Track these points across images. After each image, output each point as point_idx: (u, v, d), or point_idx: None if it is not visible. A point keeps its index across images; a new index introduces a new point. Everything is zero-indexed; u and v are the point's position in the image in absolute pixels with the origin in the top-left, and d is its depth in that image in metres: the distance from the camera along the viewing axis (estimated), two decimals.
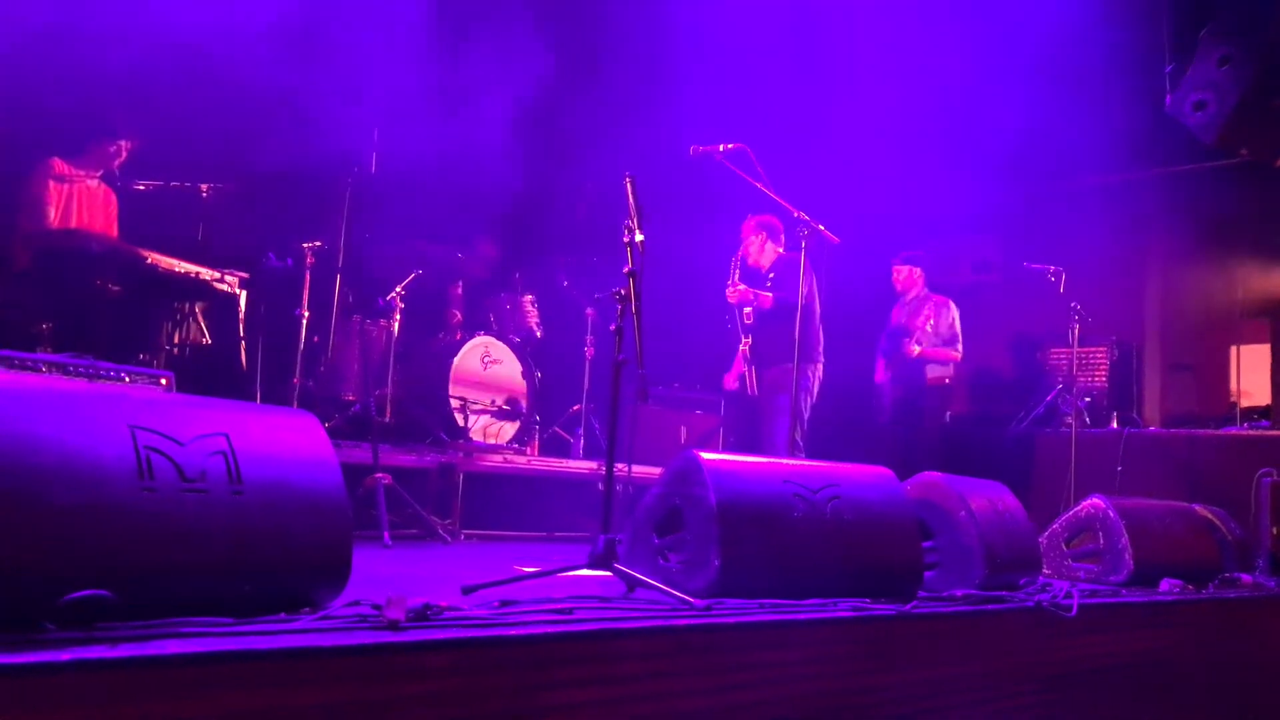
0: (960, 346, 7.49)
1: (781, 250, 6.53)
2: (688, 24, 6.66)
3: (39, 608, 1.77)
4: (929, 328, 7.36)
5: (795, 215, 5.22)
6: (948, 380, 7.55)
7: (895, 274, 7.69)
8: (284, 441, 2.26)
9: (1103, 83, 7.42)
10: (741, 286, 6.37)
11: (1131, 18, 6.77)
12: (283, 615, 2.10)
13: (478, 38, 6.20)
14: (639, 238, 3.07)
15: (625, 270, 3.05)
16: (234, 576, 2.07)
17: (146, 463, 1.98)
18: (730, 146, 5.11)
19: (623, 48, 6.77)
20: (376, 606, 2.21)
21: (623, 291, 3.06)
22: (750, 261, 6.54)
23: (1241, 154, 7.38)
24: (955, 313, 7.53)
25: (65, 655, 1.65)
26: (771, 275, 6.43)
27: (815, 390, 6.42)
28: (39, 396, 1.94)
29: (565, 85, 6.46)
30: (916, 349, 7.27)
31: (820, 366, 6.47)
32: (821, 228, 5.22)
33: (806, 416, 6.24)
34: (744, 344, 6.43)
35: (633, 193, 3.12)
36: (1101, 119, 7.71)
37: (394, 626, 2.13)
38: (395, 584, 2.38)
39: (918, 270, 7.62)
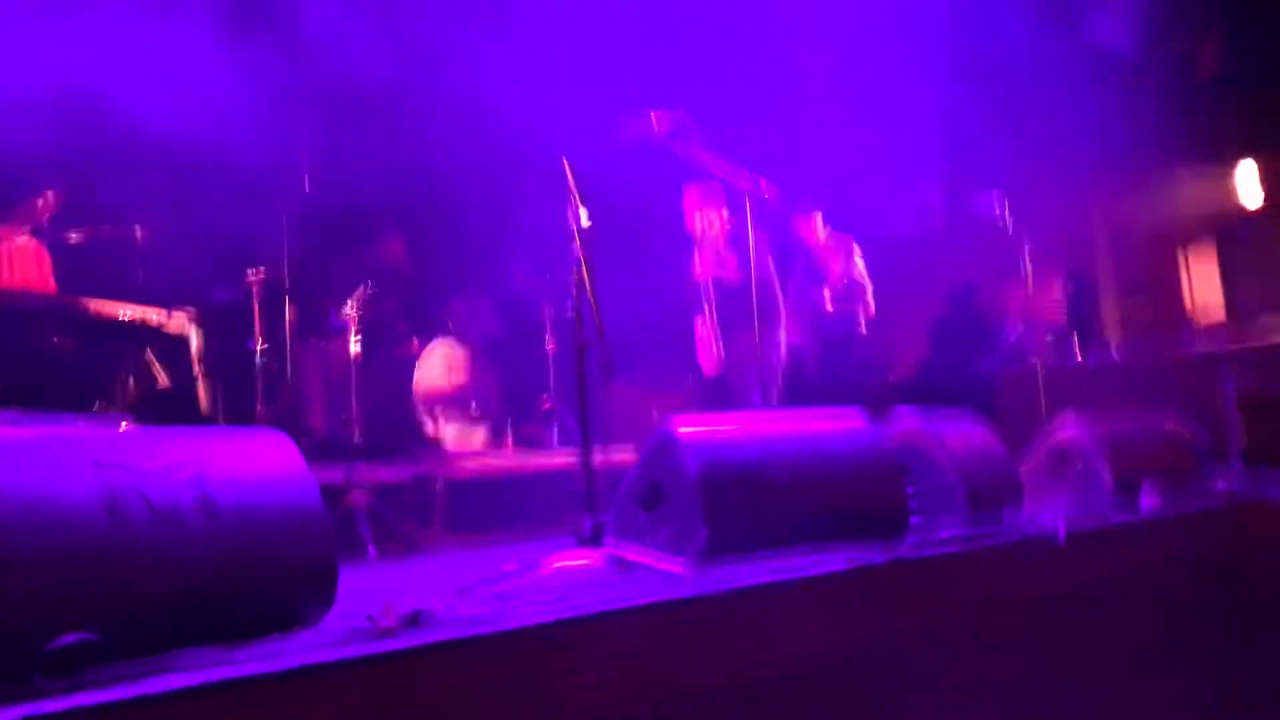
0: (870, 295, 7.33)
1: (727, 214, 6.47)
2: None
3: (25, 661, 1.73)
4: (844, 284, 7.17)
5: (734, 175, 5.20)
6: (861, 329, 7.36)
7: (796, 226, 7.44)
8: (254, 461, 2.23)
9: (1026, 9, 7.45)
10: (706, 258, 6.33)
11: None
12: (275, 636, 2.07)
13: (401, 30, 6.14)
14: (583, 215, 3.05)
15: (574, 250, 3.03)
16: (220, 603, 2.04)
17: (115, 500, 1.94)
18: (662, 114, 5.06)
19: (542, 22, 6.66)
20: (370, 618, 2.18)
21: (575, 272, 3.04)
22: (698, 232, 6.50)
23: (1164, 65, 7.48)
24: (859, 257, 7.32)
25: (56, 705, 1.61)
26: (723, 242, 6.39)
27: (784, 350, 6.41)
28: None
29: (493, 74, 6.40)
30: (829, 306, 7.11)
31: (784, 329, 6.45)
32: (761, 182, 5.21)
33: (780, 379, 6.23)
34: (708, 315, 6.39)
35: (570, 173, 3.10)
36: (1030, 46, 7.74)
37: (388, 634, 2.11)
38: (387, 595, 2.35)
39: (815, 215, 7.35)
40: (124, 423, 3.42)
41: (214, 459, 2.16)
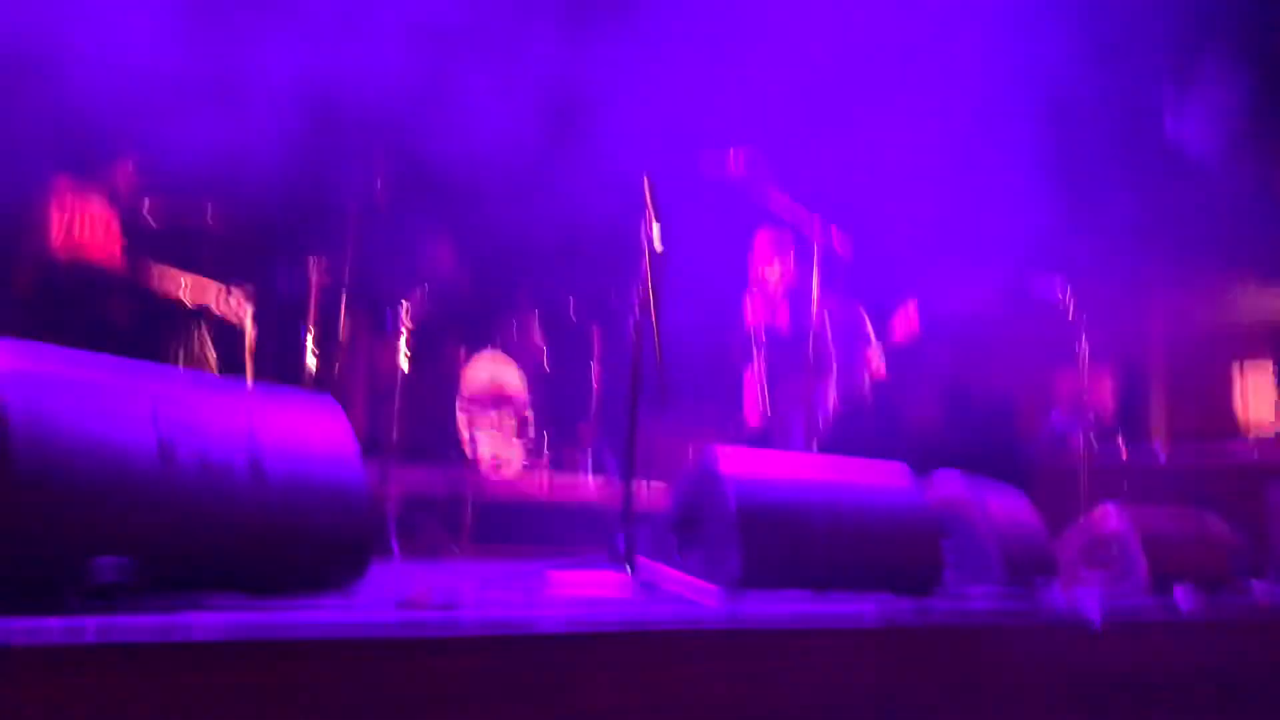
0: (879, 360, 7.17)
1: (793, 267, 6.41)
2: (695, 26, 6.64)
3: (64, 581, 1.75)
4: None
5: (809, 222, 5.20)
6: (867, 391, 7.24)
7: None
8: (306, 425, 2.25)
9: (1104, 105, 7.46)
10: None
11: (1135, 40, 6.83)
12: (305, 597, 2.08)
13: (485, 46, 6.22)
14: (657, 236, 3.06)
15: (643, 269, 3.04)
16: (256, 560, 2.05)
17: (169, 445, 1.97)
18: (743, 155, 5.07)
19: (633, 51, 6.68)
20: (400, 595, 2.18)
21: (641, 291, 3.04)
22: (761, 277, 6.50)
23: (1243, 175, 7.45)
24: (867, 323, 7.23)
25: (90, 624, 1.63)
26: (784, 291, 6.35)
27: (832, 405, 6.35)
28: (64, 378, 1.93)
29: (572, 106, 6.47)
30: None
31: (834, 381, 6.35)
32: (834, 231, 5.20)
33: (826, 435, 6.13)
34: (757, 363, 6.36)
35: (650, 192, 3.12)
36: (1102, 139, 7.74)
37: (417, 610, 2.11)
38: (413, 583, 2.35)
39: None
40: None
41: (268, 417, 2.18)
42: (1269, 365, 8.50)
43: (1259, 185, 8.08)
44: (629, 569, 2.96)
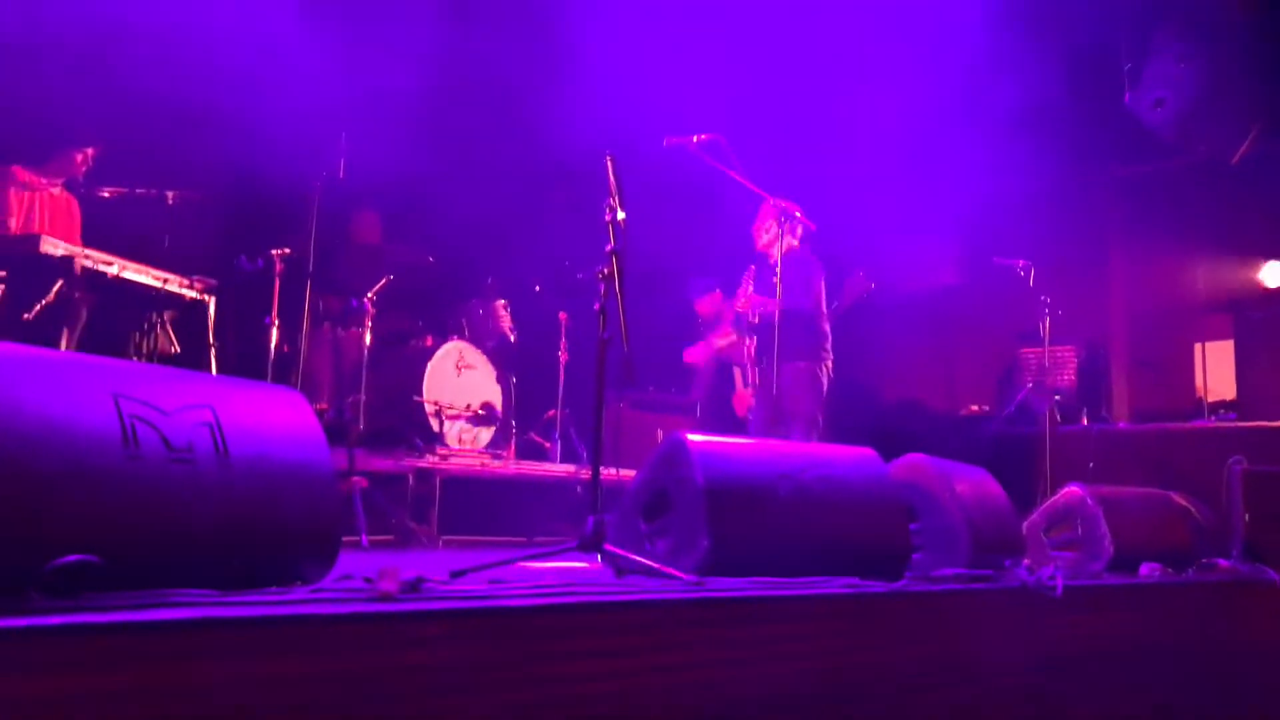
0: None
1: (796, 244, 5.99)
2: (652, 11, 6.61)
3: (25, 575, 1.72)
4: None
5: (772, 204, 5.20)
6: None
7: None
8: (270, 415, 2.22)
9: (1065, 80, 7.51)
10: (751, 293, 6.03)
11: (1091, 15, 6.88)
12: (273, 589, 2.06)
13: (443, 30, 6.17)
14: (620, 216, 3.05)
15: (608, 249, 3.03)
16: (223, 549, 2.03)
17: (131, 431, 1.94)
18: (704, 137, 5.06)
19: (585, 38, 6.62)
20: (369, 580, 2.17)
21: (606, 271, 3.03)
22: (759, 246, 6.11)
23: (1200, 150, 7.52)
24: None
25: (53, 620, 1.60)
26: (779, 270, 6.11)
27: (825, 389, 6.09)
28: (21, 362, 1.89)
29: (533, 88, 6.44)
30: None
31: (829, 365, 6.11)
32: (798, 214, 5.20)
33: (821, 418, 5.96)
34: (749, 345, 6.13)
35: (613, 171, 3.10)
36: (1063, 117, 7.80)
37: (387, 598, 2.09)
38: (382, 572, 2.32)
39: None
40: None
41: (232, 407, 2.15)
42: (1228, 343, 8.62)
43: (1218, 163, 8.17)
44: (597, 556, 2.95)
